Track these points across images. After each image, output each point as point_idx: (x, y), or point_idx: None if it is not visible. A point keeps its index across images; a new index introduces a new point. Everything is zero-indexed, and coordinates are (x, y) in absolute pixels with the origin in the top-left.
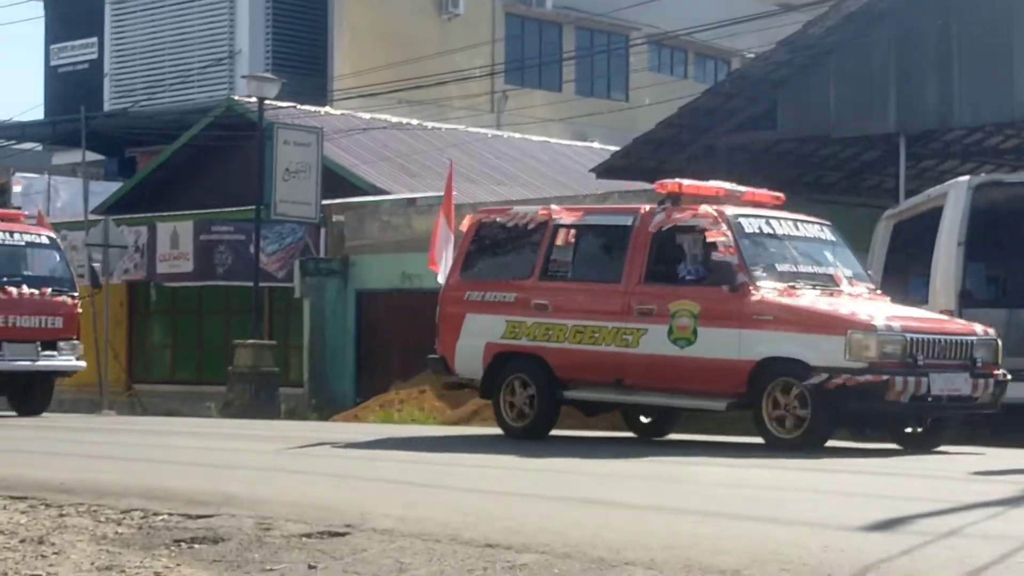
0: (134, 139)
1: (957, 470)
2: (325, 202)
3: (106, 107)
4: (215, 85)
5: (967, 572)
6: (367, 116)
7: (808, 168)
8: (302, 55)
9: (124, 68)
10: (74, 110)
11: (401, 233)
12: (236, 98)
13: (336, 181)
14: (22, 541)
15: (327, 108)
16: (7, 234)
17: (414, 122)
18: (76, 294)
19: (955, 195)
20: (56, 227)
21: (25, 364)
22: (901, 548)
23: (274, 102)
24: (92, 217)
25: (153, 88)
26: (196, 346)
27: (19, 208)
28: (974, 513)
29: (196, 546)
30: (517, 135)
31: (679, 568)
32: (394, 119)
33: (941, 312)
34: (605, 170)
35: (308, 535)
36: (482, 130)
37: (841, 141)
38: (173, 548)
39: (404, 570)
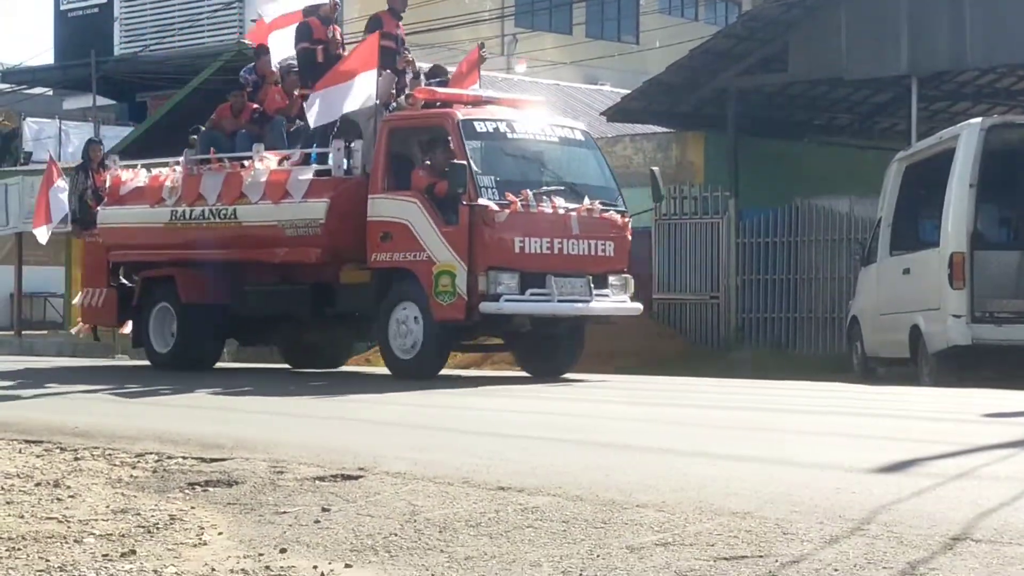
0: (145, 83)
1: (968, 411)
2: None
3: (116, 51)
4: (225, 29)
5: (978, 514)
6: None
7: (820, 111)
8: None
9: (134, 12)
10: (84, 55)
11: None
12: (246, 42)
13: (346, 125)
14: (38, 484)
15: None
16: (538, 128)
17: (425, 66)
18: (625, 210)
19: (967, 137)
20: (68, 172)
21: (577, 307)
22: (912, 490)
23: None
24: None
25: (163, 32)
26: None
27: (31, 154)
28: (985, 455)
29: (210, 489)
30: (528, 78)
31: (690, 510)
32: None
33: (952, 254)
34: (616, 113)
35: (321, 478)
36: (493, 73)
37: (853, 83)
38: (187, 491)
39: (417, 513)
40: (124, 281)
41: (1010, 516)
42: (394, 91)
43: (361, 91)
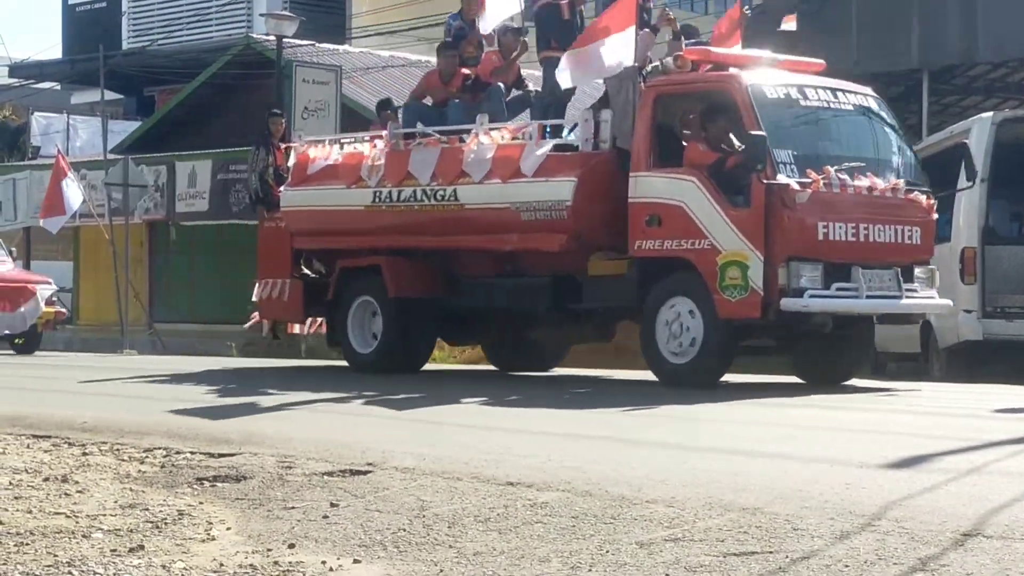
0: (152, 78)
1: (979, 407)
2: None
3: (124, 46)
4: (233, 23)
5: (989, 510)
6: (386, 54)
7: None
8: None
9: (142, 6)
10: (92, 49)
11: None
12: (254, 36)
13: (355, 119)
14: (46, 479)
15: (345, 46)
16: (830, 94)
17: (432, 60)
18: (929, 190)
19: (978, 131)
20: (76, 166)
21: (888, 304)
22: (923, 486)
23: (292, 40)
24: (111, 156)
25: (171, 26)
26: (216, 285)
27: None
28: (996, 451)
29: (219, 484)
30: (536, 72)
31: (700, 505)
32: (413, 57)
33: (963, 249)
34: None
35: (330, 473)
36: None
37: (863, 77)
38: (196, 486)
39: (425, 508)
40: (306, 271)
41: (1021, 512)
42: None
43: (616, 53)
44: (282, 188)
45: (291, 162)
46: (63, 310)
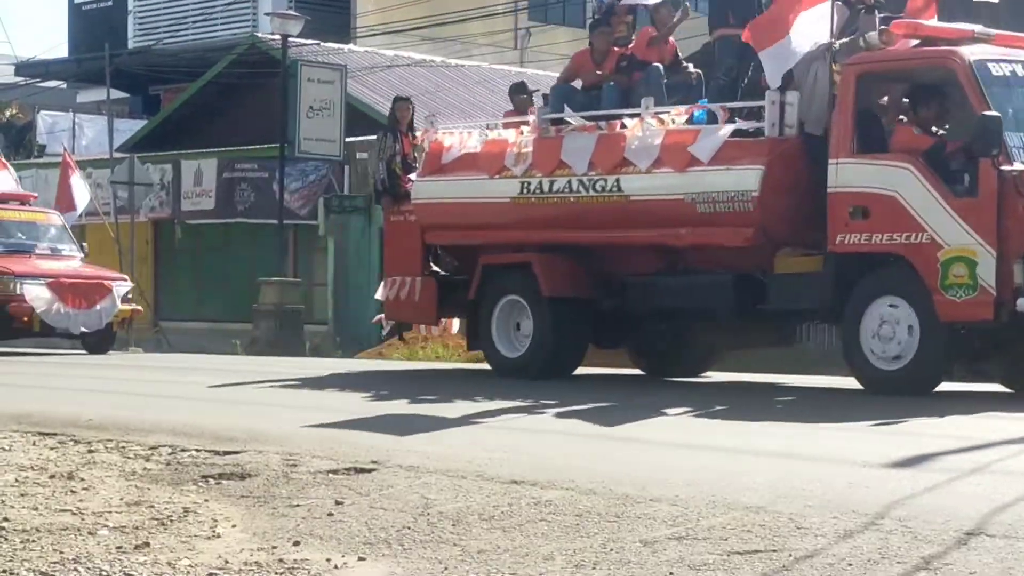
0: (158, 77)
1: (982, 407)
2: (349, 139)
3: (130, 45)
4: (238, 22)
5: (992, 509)
6: (390, 53)
7: None
8: None
9: (148, 5)
10: (98, 48)
11: None
12: (260, 35)
13: (360, 118)
14: (52, 476)
15: (350, 45)
16: None
17: (437, 59)
18: None
19: None
20: (81, 165)
21: None
22: (926, 485)
23: (298, 39)
24: (117, 155)
25: (177, 25)
26: (221, 283)
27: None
28: (999, 450)
29: (224, 482)
30: (541, 72)
31: (704, 504)
32: (417, 56)
33: None
34: None
35: (335, 471)
36: (505, 67)
37: None
38: (201, 484)
39: (430, 506)
40: (436, 268)
41: None
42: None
43: (808, 31)
44: (412, 178)
45: (423, 150)
46: (139, 308)
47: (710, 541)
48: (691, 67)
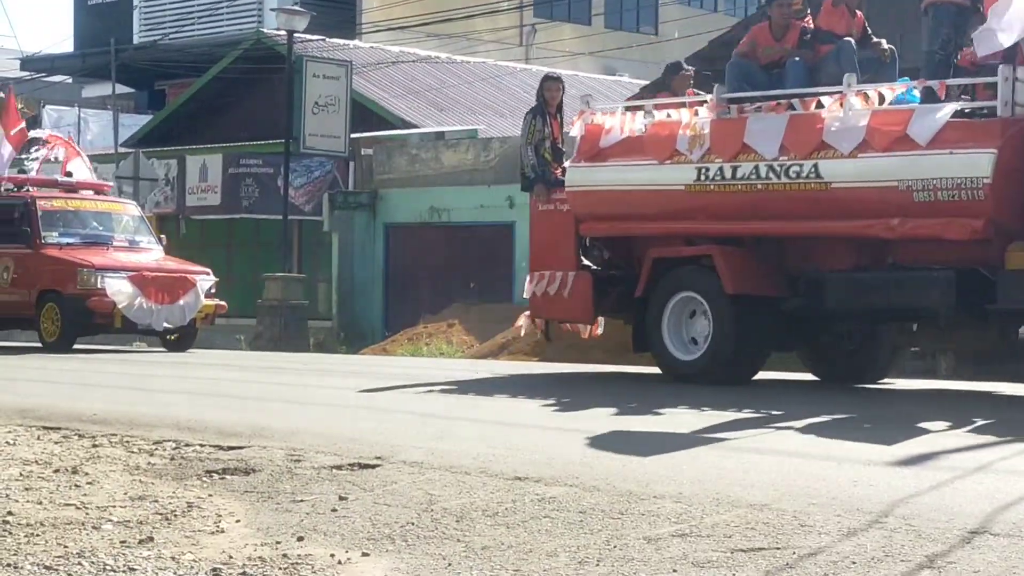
0: (163, 72)
1: (988, 405)
2: (354, 136)
3: (135, 40)
4: (244, 18)
5: (996, 508)
6: (396, 50)
7: None
8: None
9: (153, 1)
10: (104, 43)
11: (429, 167)
12: (265, 31)
13: (365, 115)
14: (56, 471)
15: (356, 41)
16: None
17: (443, 56)
18: None
19: None
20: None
21: None
22: (930, 483)
23: (303, 35)
24: (122, 150)
25: (182, 21)
26: (226, 279)
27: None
28: (1004, 449)
29: (228, 477)
30: (546, 69)
31: (708, 501)
32: (423, 53)
33: None
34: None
35: (338, 467)
36: (511, 63)
37: None
38: (205, 479)
39: (434, 502)
40: (587, 263)
41: None
42: None
43: None
44: (567, 164)
45: (576, 133)
46: (223, 303)
47: (714, 538)
48: (884, 42)
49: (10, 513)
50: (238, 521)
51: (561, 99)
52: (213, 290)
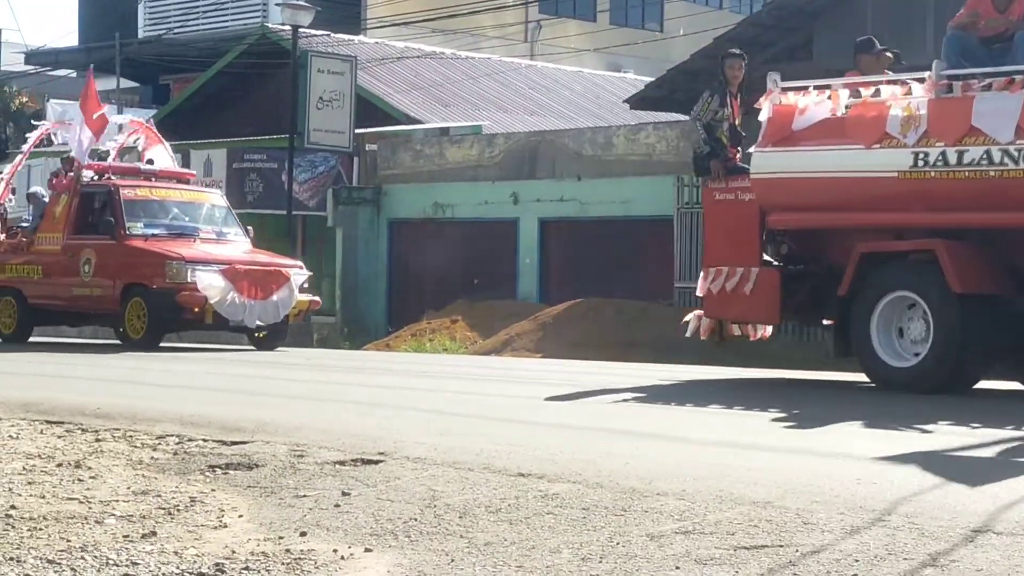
0: (168, 66)
1: (991, 403)
2: (358, 131)
3: (140, 34)
4: (249, 13)
5: (1000, 507)
6: (401, 45)
7: None
8: None
9: None
10: (109, 37)
11: (433, 163)
12: (270, 26)
13: (369, 110)
14: (59, 465)
15: (361, 37)
16: None
17: (448, 51)
18: None
19: None
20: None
21: None
22: (934, 481)
23: (308, 30)
24: None
25: (187, 15)
26: None
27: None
28: (1008, 446)
29: (231, 472)
30: (551, 65)
31: (711, 498)
32: (428, 48)
33: None
34: (639, 101)
35: (342, 462)
36: (516, 60)
37: None
38: (208, 474)
39: (437, 498)
40: (768, 258)
41: None
42: None
43: None
44: (752, 149)
45: (763, 116)
46: (317, 299)
47: (716, 536)
48: None
49: (13, 507)
50: (241, 516)
51: (743, 77)
52: (307, 285)
